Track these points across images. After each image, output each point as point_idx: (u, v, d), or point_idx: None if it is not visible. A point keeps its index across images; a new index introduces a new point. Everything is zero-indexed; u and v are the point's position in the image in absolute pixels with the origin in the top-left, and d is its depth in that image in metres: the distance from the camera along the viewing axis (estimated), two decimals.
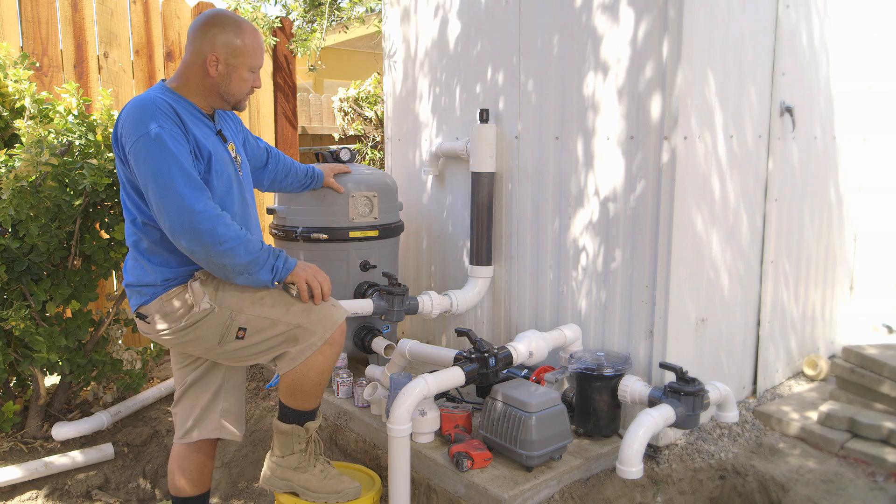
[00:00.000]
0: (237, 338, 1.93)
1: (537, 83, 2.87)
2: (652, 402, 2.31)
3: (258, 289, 1.96)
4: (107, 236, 2.91)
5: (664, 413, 2.20)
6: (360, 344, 3.04)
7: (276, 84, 4.39)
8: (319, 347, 1.94)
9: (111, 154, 2.75)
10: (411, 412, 2.20)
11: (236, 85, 1.97)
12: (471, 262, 3.15)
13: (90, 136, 2.77)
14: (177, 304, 1.93)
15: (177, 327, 1.94)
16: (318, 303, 1.97)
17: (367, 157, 5.10)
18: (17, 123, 2.70)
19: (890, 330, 3.57)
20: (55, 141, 2.65)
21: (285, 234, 3.01)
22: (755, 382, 2.97)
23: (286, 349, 1.95)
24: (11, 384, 3.03)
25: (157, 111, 1.82)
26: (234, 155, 2.06)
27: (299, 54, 4.44)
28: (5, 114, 2.84)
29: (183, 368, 2.13)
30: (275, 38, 4.34)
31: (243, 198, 2.06)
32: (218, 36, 1.92)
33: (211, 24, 1.94)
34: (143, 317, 1.98)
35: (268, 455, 2.14)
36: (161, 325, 1.95)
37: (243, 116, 4.25)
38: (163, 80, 2.02)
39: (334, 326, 1.96)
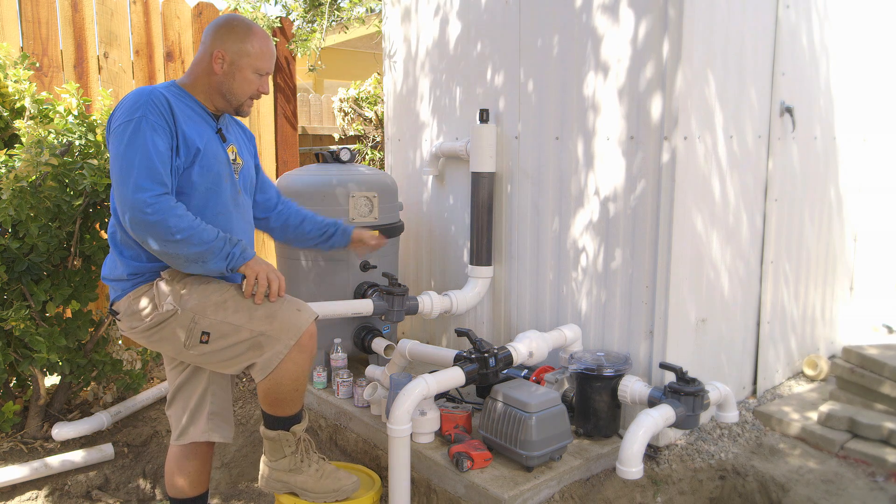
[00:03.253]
0: (202, 342, 1.91)
1: (537, 83, 2.87)
2: (652, 403, 2.31)
3: (222, 293, 1.94)
4: (106, 236, 2.91)
5: (664, 413, 2.20)
6: (360, 344, 3.04)
7: (276, 85, 4.39)
8: (288, 355, 1.90)
9: None
10: (411, 412, 2.20)
11: (239, 85, 1.98)
12: (471, 263, 3.15)
13: (90, 137, 2.77)
14: (143, 303, 1.93)
15: (143, 326, 1.94)
16: (258, 301, 1.92)
17: (367, 157, 5.10)
18: (17, 123, 2.70)
19: (890, 330, 3.57)
20: (55, 141, 2.65)
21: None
22: (755, 383, 2.97)
23: (253, 359, 1.92)
24: (11, 384, 3.03)
25: (148, 102, 1.84)
26: (233, 157, 2.05)
27: (299, 54, 4.44)
28: (5, 114, 2.84)
29: (173, 370, 2.13)
30: (275, 39, 4.34)
31: (235, 200, 2.05)
32: (226, 35, 1.97)
33: (223, 24, 1.99)
34: (115, 313, 1.99)
35: (262, 458, 2.14)
36: (129, 324, 1.96)
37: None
38: (174, 80, 2.04)
39: (299, 333, 1.91)
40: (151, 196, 1.77)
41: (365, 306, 2.78)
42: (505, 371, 2.50)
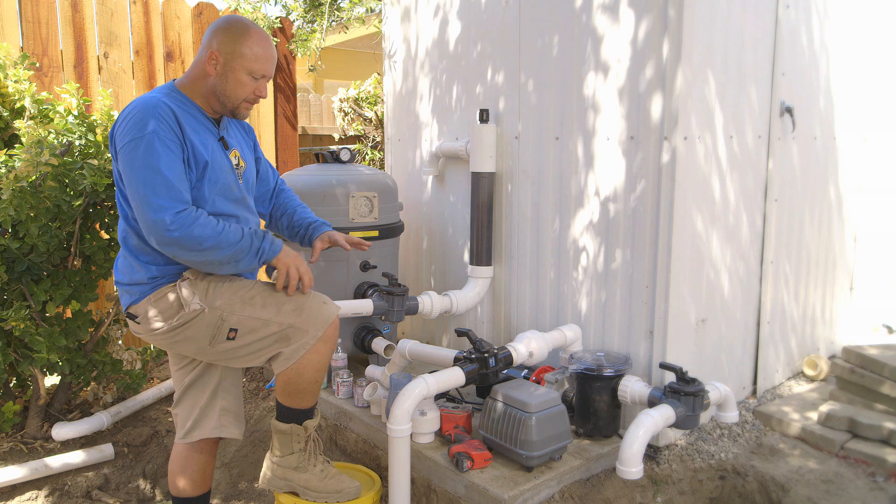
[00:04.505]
0: (228, 339, 1.93)
1: (537, 83, 2.87)
2: (652, 403, 2.31)
3: (248, 288, 1.96)
4: (107, 236, 2.91)
5: (664, 413, 2.20)
6: (360, 344, 3.04)
7: (276, 85, 4.39)
8: (313, 345, 1.94)
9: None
10: (411, 412, 2.20)
11: (232, 87, 1.94)
12: (471, 263, 3.15)
13: (90, 137, 2.77)
14: (166, 304, 1.92)
15: (166, 328, 1.93)
16: (291, 293, 1.96)
17: (367, 157, 5.10)
18: (17, 123, 2.70)
19: (890, 330, 3.57)
20: (55, 141, 2.65)
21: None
22: (755, 383, 2.97)
23: (279, 350, 1.95)
24: (11, 384, 3.03)
25: (157, 115, 1.82)
26: (235, 162, 2.04)
27: (299, 54, 4.44)
28: (5, 114, 2.84)
29: (181, 370, 2.13)
30: (275, 39, 4.34)
31: (241, 204, 2.05)
32: (223, 35, 1.94)
33: (222, 25, 1.96)
34: (132, 317, 1.98)
35: (267, 455, 2.14)
36: (151, 326, 1.95)
37: None
38: (174, 80, 2.02)
39: (326, 324, 1.96)
40: (172, 214, 1.77)
41: (365, 306, 2.78)
42: (505, 371, 2.50)
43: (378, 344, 2.95)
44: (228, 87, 1.94)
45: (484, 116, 3.04)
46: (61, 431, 2.84)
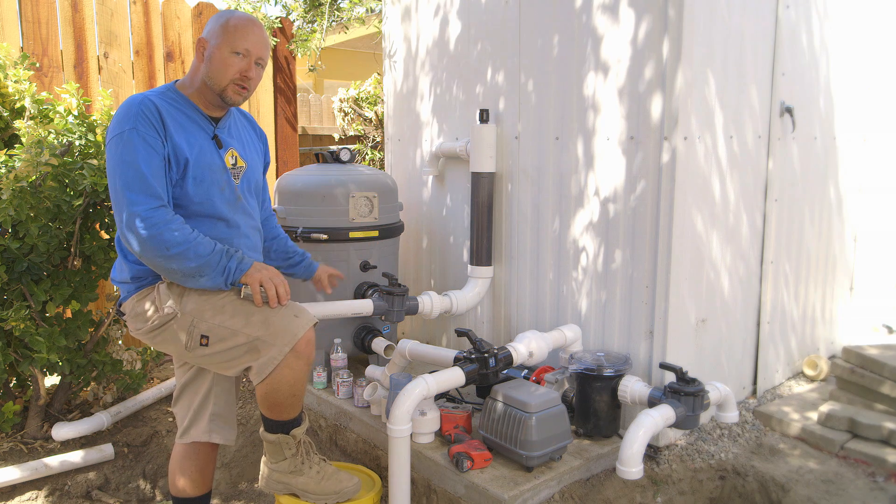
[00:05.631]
0: (201, 345, 1.92)
1: (537, 83, 2.87)
2: (652, 403, 2.31)
3: (221, 296, 1.93)
4: (107, 236, 2.91)
5: (664, 413, 2.20)
6: (360, 344, 3.04)
7: (276, 86, 4.39)
8: (285, 360, 1.87)
9: None
10: (411, 412, 2.20)
11: (216, 67, 1.92)
12: (471, 263, 3.15)
13: (90, 137, 2.77)
14: (146, 305, 1.95)
15: (146, 328, 1.96)
16: (273, 305, 1.90)
17: (367, 157, 5.10)
18: (17, 124, 2.70)
19: (890, 330, 3.57)
20: (55, 141, 2.65)
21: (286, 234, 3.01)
22: (755, 383, 2.97)
23: (249, 362, 1.91)
24: (11, 384, 3.03)
25: (139, 113, 1.83)
26: (232, 162, 2.01)
27: (299, 55, 4.44)
28: (5, 114, 2.84)
29: (179, 368, 2.14)
30: (275, 39, 4.34)
31: (235, 206, 2.02)
32: (209, 25, 1.97)
33: (211, 17, 1.98)
34: (121, 314, 2.02)
35: (263, 459, 2.14)
36: (134, 325, 1.99)
37: None
38: (175, 80, 2.03)
39: (294, 339, 1.88)
40: (145, 210, 1.77)
41: (365, 306, 2.77)
42: (505, 371, 2.50)
43: (378, 344, 2.95)
44: (213, 68, 1.93)
45: (484, 116, 3.04)
46: (61, 431, 2.84)
